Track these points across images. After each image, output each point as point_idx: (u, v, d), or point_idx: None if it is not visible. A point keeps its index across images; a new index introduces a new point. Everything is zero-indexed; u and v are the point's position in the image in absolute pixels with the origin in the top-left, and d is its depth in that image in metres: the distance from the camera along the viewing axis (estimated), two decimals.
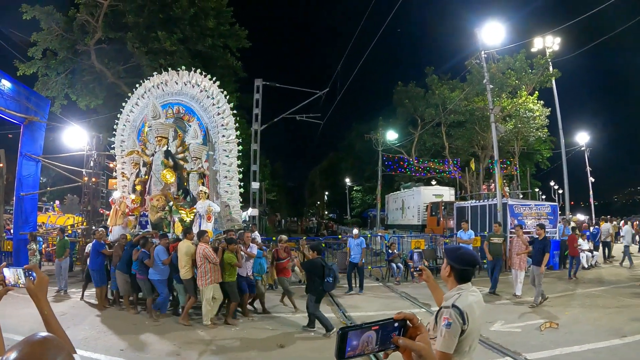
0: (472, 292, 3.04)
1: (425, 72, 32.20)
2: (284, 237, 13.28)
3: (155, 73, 14.93)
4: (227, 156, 14.03)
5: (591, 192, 32.90)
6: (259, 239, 14.18)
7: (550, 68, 24.07)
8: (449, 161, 33.25)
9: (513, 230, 14.73)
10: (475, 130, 29.32)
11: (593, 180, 33.24)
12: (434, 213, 26.87)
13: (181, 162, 13.10)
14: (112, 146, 15.14)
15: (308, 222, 64.75)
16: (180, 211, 12.32)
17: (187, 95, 14.12)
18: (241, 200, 14.35)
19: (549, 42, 23.84)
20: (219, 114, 13.97)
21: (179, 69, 14.37)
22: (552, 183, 51.59)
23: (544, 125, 29.10)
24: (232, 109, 13.04)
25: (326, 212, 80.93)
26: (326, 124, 28.78)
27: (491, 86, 20.51)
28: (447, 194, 30.00)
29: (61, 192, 25.65)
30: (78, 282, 14.20)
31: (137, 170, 13.46)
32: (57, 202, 27.52)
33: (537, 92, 26.68)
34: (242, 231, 12.48)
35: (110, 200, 14.20)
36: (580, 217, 37.63)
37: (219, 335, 8.98)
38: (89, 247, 12.23)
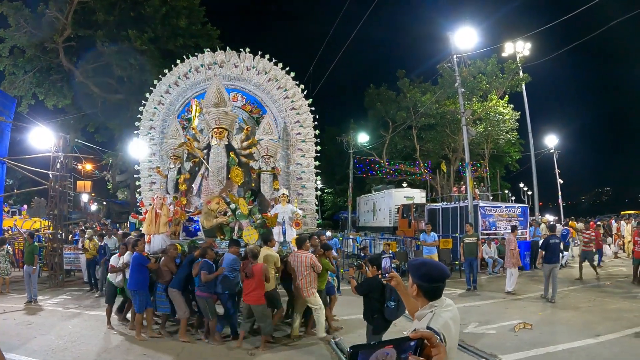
0: (446, 307, 2.84)
1: (397, 75, 32.44)
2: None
3: (207, 50, 13.02)
4: (303, 156, 12.59)
5: (559, 193, 33.46)
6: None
7: (521, 73, 24.44)
8: (420, 163, 33.47)
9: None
10: (446, 133, 29.61)
11: (562, 182, 33.85)
12: (405, 215, 26.96)
13: (245, 160, 11.30)
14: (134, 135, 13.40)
15: None
16: (252, 216, 10.27)
17: (248, 82, 12.61)
18: (317, 203, 12.96)
19: (519, 48, 24.24)
20: (293, 108, 12.53)
21: (240, 49, 12.64)
22: (521, 185, 52.36)
23: (513, 128, 29.56)
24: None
25: None
26: None
27: (462, 90, 20.70)
28: (419, 196, 30.14)
29: (29, 195, 25.01)
30: (44, 288, 13.85)
31: (179, 165, 11.43)
32: (25, 205, 26.84)
33: (507, 96, 27.10)
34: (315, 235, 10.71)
35: (139, 201, 12.55)
36: (550, 217, 38.23)
37: None
38: (115, 260, 9.69)
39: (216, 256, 8.95)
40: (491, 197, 27.00)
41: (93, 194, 34.18)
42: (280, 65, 12.58)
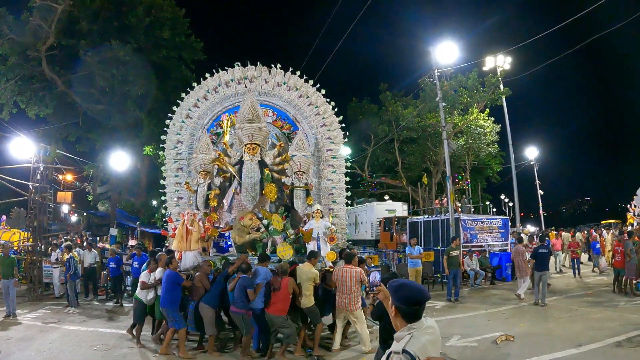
0: (426, 330, 2.81)
1: (380, 88, 32.68)
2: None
3: (237, 64, 12.95)
4: (334, 172, 12.85)
5: (540, 204, 33.79)
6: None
7: (501, 86, 24.76)
8: (401, 177, 33.64)
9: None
10: (427, 146, 29.85)
11: (542, 192, 34.16)
12: (387, 228, 27.04)
13: (277, 176, 11.45)
14: (161, 146, 13.14)
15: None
16: (286, 232, 10.48)
17: (279, 98, 12.85)
18: (347, 217, 12.98)
19: (500, 62, 24.58)
20: (324, 125, 12.84)
21: (272, 65, 12.84)
22: (502, 196, 52.75)
23: (494, 140, 29.93)
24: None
25: None
26: None
27: (444, 104, 20.93)
28: (400, 209, 30.24)
29: (8, 205, 24.64)
30: (23, 302, 13.66)
31: (209, 180, 11.36)
32: (4, 216, 26.43)
33: (488, 109, 27.40)
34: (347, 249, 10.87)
35: (167, 217, 12.25)
36: (531, 228, 38.63)
37: None
38: (145, 276, 9.49)
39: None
40: (473, 209, 27.21)
41: (74, 205, 33.76)
42: (310, 82, 12.92)
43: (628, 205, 16.49)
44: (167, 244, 12.36)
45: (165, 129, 13.03)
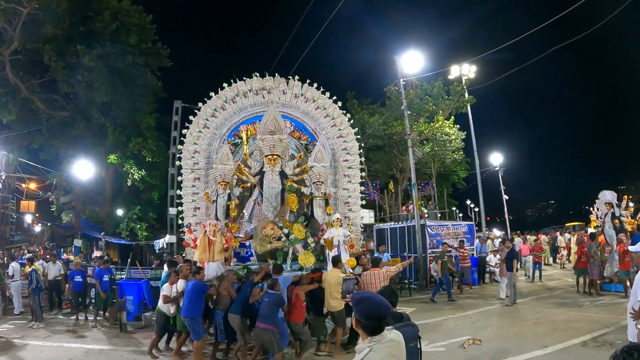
0: (387, 343, 2.80)
1: (347, 96, 32.83)
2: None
3: (255, 74, 13.15)
4: (350, 181, 13.29)
5: (506, 209, 34.34)
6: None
7: (466, 94, 25.17)
8: (368, 184, 33.80)
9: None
10: (393, 154, 30.08)
11: (507, 197, 34.73)
12: None
13: (296, 186, 11.73)
14: (179, 154, 12.92)
15: None
16: (307, 240, 10.87)
17: (296, 109, 13.12)
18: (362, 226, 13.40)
19: (465, 71, 25.03)
20: (340, 136, 13.26)
21: (289, 77, 13.10)
22: (468, 202, 53.55)
23: (459, 147, 30.34)
24: (151, 129, 12.28)
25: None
26: None
27: (409, 112, 21.24)
28: (367, 216, 30.36)
29: None
30: None
31: (229, 191, 11.44)
32: None
33: (453, 117, 27.81)
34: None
35: (187, 228, 11.99)
36: (497, 232, 39.23)
37: None
38: (168, 289, 9.25)
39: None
40: (439, 215, 27.55)
41: (37, 215, 33.01)
42: (327, 94, 13.29)
43: (591, 208, 16.88)
44: (184, 254, 12.56)
45: (131, 137, 12.94)
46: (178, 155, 12.92)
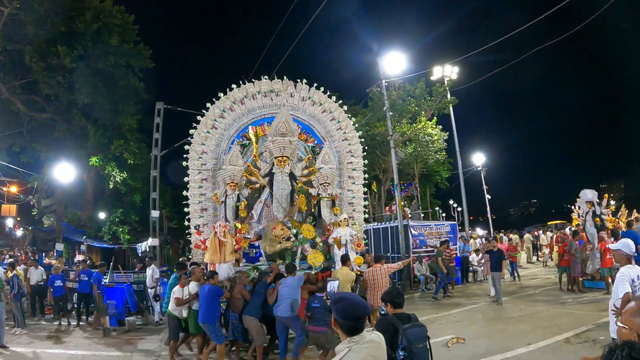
0: (366, 344, 2.80)
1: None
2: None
3: (264, 77, 13.24)
4: (354, 183, 13.70)
5: (488, 208, 34.58)
6: None
7: (448, 95, 25.34)
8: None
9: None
10: (376, 155, 30.19)
11: (490, 197, 34.99)
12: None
13: (304, 187, 12.07)
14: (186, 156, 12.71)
15: None
16: (315, 239, 11.30)
17: (303, 112, 13.28)
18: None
19: (447, 71, 25.21)
20: (345, 139, 13.59)
21: (298, 80, 13.28)
22: (451, 201, 53.77)
23: (442, 148, 30.56)
24: (133, 131, 12.10)
25: None
26: None
27: (391, 113, 21.35)
28: None
29: None
30: None
31: (237, 192, 11.50)
32: None
33: (435, 117, 27.98)
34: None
35: (195, 230, 12.00)
36: (480, 231, 39.52)
37: None
38: (179, 292, 9.15)
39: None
40: (422, 215, 27.71)
41: (19, 219, 32.57)
42: (333, 98, 13.65)
43: (573, 207, 17.10)
44: (190, 257, 12.75)
45: (113, 139, 12.80)
46: (185, 156, 12.80)
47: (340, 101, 13.93)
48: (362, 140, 14.22)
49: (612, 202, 16.93)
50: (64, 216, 28.43)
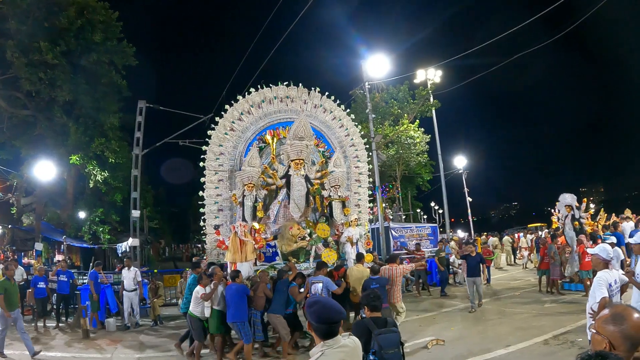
0: (340, 348, 2.83)
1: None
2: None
3: (282, 83, 13.70)
4: (360, 186, 14.50)
5: (469, 211, 34.92)
6: None
7: (431, 99, 25.53)
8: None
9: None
10: None
11: (471, 199, 35.31)
12: None
13: (320, 188, 12.61)
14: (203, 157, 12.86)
15: (193, 248, 63.49)
16: (328, 238, 11.96)
17: (315, 118, 13.74)
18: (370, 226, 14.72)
19: (430, 75, 25.40)
20: (353, 145, 14.36)
21: (312, 88, 13.87)
22: (432, 203, 54.15)
23: (424, 150, 30.78)
24: (114, 129, 11.94)
25: None
26: None
27: (373, 115, 21.47)
28: None
29: None
30: None
31: (255, 193, 11.73)
32: None
33: (418, 120, 28.19)
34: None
35: (215, 230, 12.08)
36: (461, 233, 39.83)
37: None
38: (201, 291, 9.11)
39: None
40: (404, 217, 27.88)
41: None
42: (342, 106, 14.53)
43: (552, 210, 17.31)
44: (205, 257, 12.98)
45: (94, 137, 12.70)
46: (202, 157, 12.91)
47: (348, 110, 14.85)
48: (367, 147, 15.09)
49: (592, 206, 17.16)
50: (44, 215, 28.05)
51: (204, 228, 12.83)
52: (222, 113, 13.18)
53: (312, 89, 13.94)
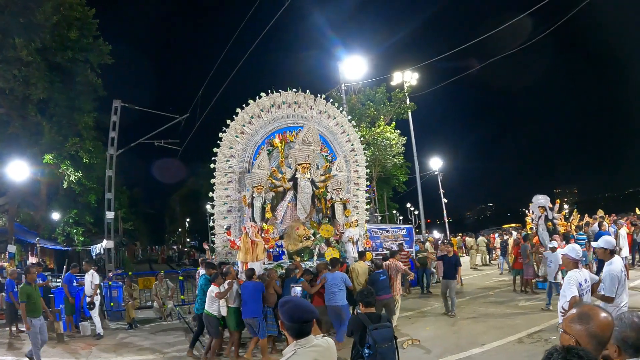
0: (312, 347, 2.85)
1: None
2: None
3: (293, 89, 13.88)
4: (358, 189, 14.95)
5: (445, 212, 35.28)
6: None
7: (407, 101, 25.72)
8: None
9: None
10: None
11: (446, 201, 35.66)
12: None
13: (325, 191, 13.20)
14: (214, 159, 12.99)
15: (169, 250, 63.03)
16: (331, 238, 12.41)
17: (319, 124, 13.96)
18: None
19: (407, 77, 25.59)
20: (353, 150, 14.74)
21: (318, 95, 14.14)
22: (408, 205, 54.53)
23: (400, 152, 30.96)
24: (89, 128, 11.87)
25: (188, 240, 77.36)
26: (186, 149, 27.72)
27: (350, 117, 21.57)
28: None
29: None
30: None
31: (263, 194, 12.00)
32: None
33: (394, 122, 28.37)
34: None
35: (226, 230, 12.36)
36: (436, 234, 40.19)
37: None
38: (216, 289, 9.37)
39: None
40: (380, 218, 28.03)
41: None
42: (344, 112, 15.17)
43: (526, 211, 17.61)
44: (213, 257, 13.30)
45: (69, 136, 12.55)
46: (213, 158, 13.05)
47: (349, 117, 15.37)
48: (365, 152, 15.66)
49: (566, 207, 17.50)
50: (17, 216, 27.55)
51: (212, 229, 13.37)
52: (234, 116, 13.31)
53: (318, 95, 14.22)
